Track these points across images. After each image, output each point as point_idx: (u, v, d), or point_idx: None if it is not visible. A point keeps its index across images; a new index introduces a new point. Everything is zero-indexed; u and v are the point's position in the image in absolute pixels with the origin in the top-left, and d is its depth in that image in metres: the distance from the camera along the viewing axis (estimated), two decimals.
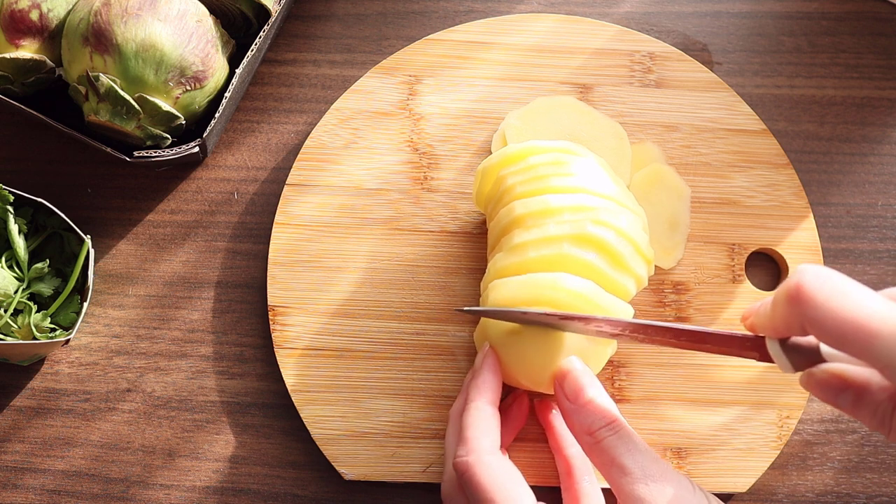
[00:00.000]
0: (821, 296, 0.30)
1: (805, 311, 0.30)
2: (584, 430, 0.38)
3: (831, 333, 0.30)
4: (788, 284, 0.31)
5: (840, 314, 0.29)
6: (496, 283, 0.40)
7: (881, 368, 0.29)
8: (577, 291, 0.39)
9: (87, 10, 0.43)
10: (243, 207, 0.50)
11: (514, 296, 0.39)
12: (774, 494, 0.47)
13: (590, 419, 0.38)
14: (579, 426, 0.38)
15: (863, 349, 0.29)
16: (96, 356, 0.48)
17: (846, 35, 0.53)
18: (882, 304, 0.29)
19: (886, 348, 0.28)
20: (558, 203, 0.40)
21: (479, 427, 0.38)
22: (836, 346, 0.30)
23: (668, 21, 0.53)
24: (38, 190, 0.50)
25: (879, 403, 0.33)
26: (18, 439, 0.47)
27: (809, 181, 0.51)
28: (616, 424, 0.38)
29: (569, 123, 0.49)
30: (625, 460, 0.36)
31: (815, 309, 0.30)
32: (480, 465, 0.37)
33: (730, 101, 0.50)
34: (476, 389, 0.40)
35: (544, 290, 0.39)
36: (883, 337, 0.28)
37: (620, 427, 0.38)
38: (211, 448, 0.47)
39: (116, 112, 0.43)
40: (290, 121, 0.51)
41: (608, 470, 0.37)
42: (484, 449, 0.38)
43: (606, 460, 0.37)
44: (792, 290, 0.31)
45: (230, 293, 0.49)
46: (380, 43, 0.52)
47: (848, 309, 0.29)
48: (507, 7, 0.53)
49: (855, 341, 0.29)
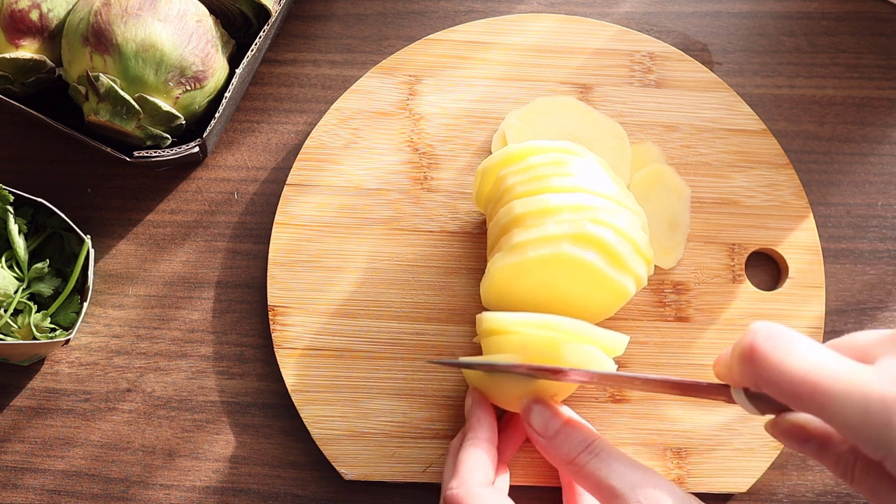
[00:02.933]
0: (774, 356, 0.30)
1: (759, 372, 0.30)
2: (563, 460, 0.39)
3: (785, 394, 0.30)
4: (742, 343, 0.31)
5: (793, 375, 0.29)
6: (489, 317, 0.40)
7: (836, 426, 0.29)
8: (573, 332, 0.39)
9: (87, 10, 0.43)
10: (243, 207, 0.50)
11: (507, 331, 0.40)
12: (774, 494, 0.46)
13: (565, 449, 0.38)
14: (557, 458, 0.39)
15: (817, 409, 0.29)
16: (96, 356, 0.48)
17: (846, 35, 0.53)
18: (835, 362, 0.29)
19: (839, 408, 0.28)
20: (557, 202, 0.40)
21: (471, 462, 0.39)
22: (791, 405, 0.30)
23: (668, 21, 0.53)
24: (38, 190, 0.50)
25: (842, 454, 0.33)
26: (18, 439, 0.47)
27: (809, 181, 0.51)
28: (593, 446, 0.38)
29: (569, 123, 0.49)
30: (612, 481, 0.36)
31: (769, 370, 0.30)
32: (471, 497, 0.37)
33: (730, 101, 0.50)
34: (472, 430, 0.41)
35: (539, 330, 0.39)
36: (836, 397, 0.28)
37: (598, 447, 0.38)
38: (211, 448, 0.47)
39: (116, 112, 0.43)
40: (290, 121, 0.51)
41: (598, 493, 0.37)
42: (475, 482, 0.38)
43: (593, 484, 0.37)
44: (746, 351, 0.31)
45: (230, 293, 0.49)
46: (380, 43, 0.52)
47: (801, 369, 0.29)
48: (507, 7, 0.53)
49: (809, 402, 0.29)
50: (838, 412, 0.28)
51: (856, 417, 0.28)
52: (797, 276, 0.48)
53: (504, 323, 0.40)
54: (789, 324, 0.47)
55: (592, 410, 0.46)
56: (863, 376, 0.29)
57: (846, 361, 0.29)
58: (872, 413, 0.28)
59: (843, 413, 0.28)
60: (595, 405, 0.46)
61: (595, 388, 0.46)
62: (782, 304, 0.48)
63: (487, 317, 0.40)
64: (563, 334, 0.39)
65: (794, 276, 0.48)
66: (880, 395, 0.28)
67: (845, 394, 0.28)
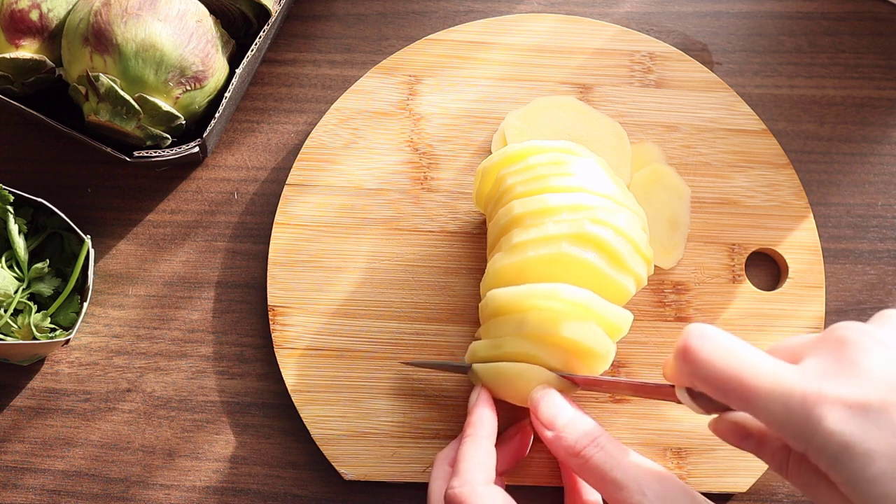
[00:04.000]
0: (704, 354, 0.32)
1: (692, 369, 0.33)
2: (569, 453, 0.38)
3: (716, 389, 0.32)
4: (678, 343, 0.33)
5: (721, 372, 0.31)
6: (494, 293, 0.40)
7: (762, 421, 0.31)
8: (576, 301, 0.39)
9: (87, 10, 0.43)
10: (243, 207, 0.50)
11: (513, 305, 0.39)
12: (774, 494, 0.46)
13: (571, 442, 0.38)
14: (563, 451, 0.39)
15: (745, 404, 0.31)
16: (96, 356, 0.48)
17: (846, 35, 0.53)
18: (761, 361, 0.31)
19: (763, 404, 0.30)
20: (557, 202, 0.40)
21: (473, 459, 0.39)
22: (722, 400, 0.32)
23: (668, 21, 0.53)
24: (38, 190, 0.50)
25: (776, 450, 0.35)
26: (18, 439, 0.47)
27: (809, 181, 0.51)
28: (599, 440, 0.38)
29: (569, 123, 0.49)
30: (616, 474, 0.36)
31: (700, 367, 0.32)
32: (475, 496, 0.37)
33: (730, 101, 0.50)
34: (472, 425, 0.40)
35: (543, 300, 0.39)
36: (760, 393, 0.30)
37: (604, 442, 0.38)
38: (211, 448, 0.47)
39: (116, 112, 0.43)
40: (290, 121, 0.51)
41: (603, 487, 0.37)
42: (477, 480, 0.38)
43: (598, 478, 0.37)
44: (680, 350, 0.33)
45: (230, 293, 0.49)
46: (380, 43, 0.52)
47: (730, 366, 0.31)
48: (507, 7, 0.53)
49: (737, 397, 0.31)
50: (763, 407, 0.30)
51: (779, 413, 0.30)
52: (797, 276, 0.48)
53: (510, 296, 0.40)
54: (789, 324, 0.47)
55: (593, 411, 0.46)
56: (785, 374, 0.30)
57: (772, 360, 0.31)
58: (793, 409, 0.29)
59: (768, 408, 0.30)
60: (595, 405, 0.46)
61: None
62: (782, 304, 0.48)
63: (496, 294, 0.40)
64: (566, 304, 0.39)
65: (794, 276, 0.48)
66: (801, 392, 0.29)
67: (769, 390, 0.30)
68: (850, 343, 0.31)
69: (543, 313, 0.39)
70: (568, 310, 0.39)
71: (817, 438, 0.29)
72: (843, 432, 0.29)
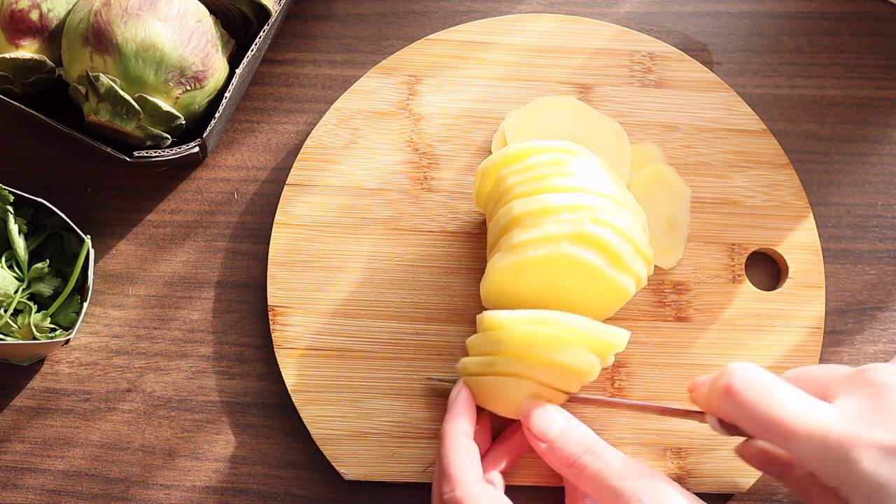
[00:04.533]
0: (747, 397, 0.35)
1: (734, 409, 0.35)
2: (564, 464, 0.39)
3: (757, 430, 0.35)
4: (718, 384, 0.36)
5: (764, 415, 0.34)
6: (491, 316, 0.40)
7: (798, 459, 0.34)
8: (574, 328, 0.39)
9: (87, 10, 0.43)
10: (243, 207, 0.50)
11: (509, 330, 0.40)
12: (774, 494, 0.46)
13: (566, 452, 0.39)
14: (558, 462, 0.39)
15: (783, 444, 0.34)
16: (96, 356, 0.48)
17: (846, 35, 0.53)
18: (801, 404, 0.34)
19: (801, 446, 0.33)
20: (557, 202, 0.40)
21: (460, 460, 0.39)
22: (761, 437, 0.35)
23: (668, 21, 0.53)
24: (38, 190, 0.50)
25: (802, 477, 0.38)
26: (18, 439, 0.47)
27: (809, 181, 0.51)
28: (593, 449, 0.38)
29: (569, 123, 0.49)
30: (613, 483, 0.37)
31: (743, 408, 0.35)
32: (470, 497, 0.37)
33: (730, 101, 0.50)
34: (451, 423, 0.41)
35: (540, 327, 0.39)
36: (799, 436, 0.33)
37: (599, 449, 0.38)
38: (211, 448, 0.47)
39: (116, 112, 0.43)
40: (290, 121, 0.51)
41: (600, 495, 0.37)
42: (469, 481, 0.38)
43: (595, 486, 0.38)
44: (722, 389, 0.36)
45: (230, 293, 0.49)
46: (380, 43, 0.52)
47: (771, 410, 0.34)
48: (507, 7, 0.53)
49: (776, 438, 0.34)
50: (802, 448, 0.33)
51: (816, 453, 0.33)
52: (797, 276, 0.48)
53: (506, 321, 0.40)
54: (789, 324, 0.47)
55: (593, 411, 0.46)
56: (823, 417, 0.33)
57: (809, 401, 0.34)
58: (830, 450, 0.32)
59: (806, 449, 0.33)
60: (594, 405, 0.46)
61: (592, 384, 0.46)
62: (782, 304, 0.48)
63: (489, 315, 0.40)
64: (565, 331, 0.39)
65: (794, 276, 0.48)
66: (838, 436, 0.32)
67: (808, 433, 0.33)
68: (883, 387, 0.33)
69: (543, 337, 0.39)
70: (566, 336, 0.39)
71: (852, 478, 0.32)
72: (878, 473, 0.31)
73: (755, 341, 0.47)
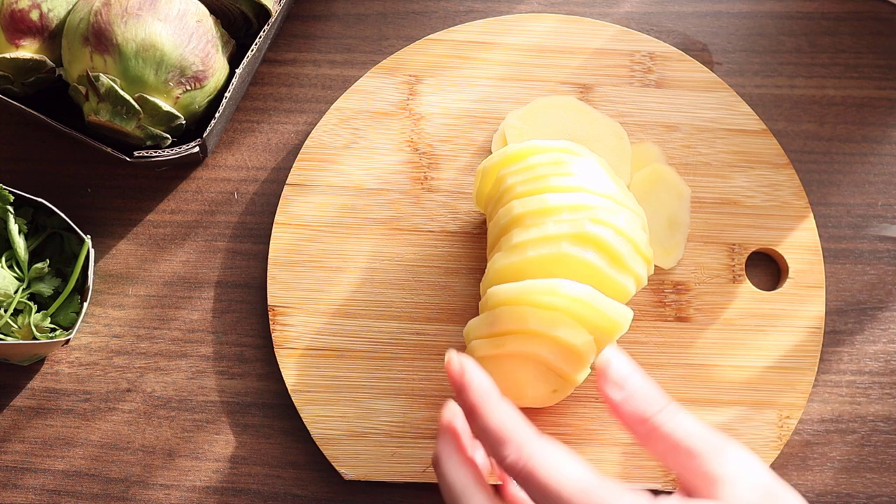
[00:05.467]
0: None
1: None
2: (638, 419, 0.35)
3: None
4: None
5: None
6: (495, 290, 0.40)
7: None
8: (576, 296, 0.39)
9: (87, 10, 0.43)
10: (243, 207, 0.50)
11: (513, 301, 0.39)
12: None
13: (643, 406, 0.35)
14: (632, 416, 0.36)
15: None
16: (96, 356, 0.48)
17: (846, 35, 0.53)
18: None
19: None
20: (557, 202, 0.40)
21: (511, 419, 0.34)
22: None
23: (668, 21, 0.53)
24: (38, 190, 0.50)
25: None
26: (18, 439, 0.47)
27: (809, 181, 0.51)
28: (671, 407, 0.35)
29: (569, 123, 0.49)
30: (690, 442, 0.34)
31: None
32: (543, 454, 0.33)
33: (730, 101, 0.50)
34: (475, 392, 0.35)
35: (543, 296, 0.39)
36: None
37: (676, 409, 0.35)
38: (211, 448, 0.47)
39: (116, 112, 0.43)
40: (290, 121, 0.51)
41: (673, 456, 0.35)
42: (531, 436, 0.34)
43: (669, 446, 0.35)
44: None
45: (230, 293, 0.49)
46: (380, 43, 0.52)
47: None
48: (507, 7, 0.53)
49: None
50: None
51: None
52: (797, 276, 0.48)
53: (512, 292, 0.39)
54: (789, 324, 0.47)
55: (593, 410, 0.46)
56: None
57: None
58: None
59: None
60: (596, 404, 0.46)
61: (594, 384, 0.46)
62: (782, 304, 0.48)
63: (497, 289, 0.40)
64: (566, 300, 0.39)
65: (794, 276, 0.48)
66: None
67: None
68: None
69: (545, 311, 0.39)
70: (568, 306, 0.39)
71: None
72: None
73: (755, 341, 0.47)
